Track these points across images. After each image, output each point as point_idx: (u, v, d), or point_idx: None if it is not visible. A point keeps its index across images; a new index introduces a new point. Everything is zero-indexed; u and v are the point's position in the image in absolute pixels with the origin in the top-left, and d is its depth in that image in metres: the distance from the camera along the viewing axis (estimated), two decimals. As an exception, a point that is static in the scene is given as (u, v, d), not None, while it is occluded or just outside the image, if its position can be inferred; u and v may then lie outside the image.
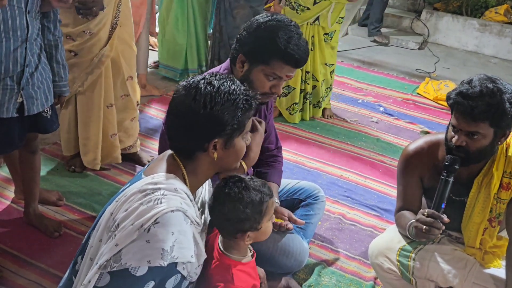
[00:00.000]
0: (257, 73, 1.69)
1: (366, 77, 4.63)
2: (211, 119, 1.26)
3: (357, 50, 5.40)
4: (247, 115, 1.33)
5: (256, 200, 1.45)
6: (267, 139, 2.08)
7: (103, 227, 1.26)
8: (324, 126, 3.57)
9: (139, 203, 1.21)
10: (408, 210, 1.83)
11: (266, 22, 1.67)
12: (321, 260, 2.25)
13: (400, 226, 1.84)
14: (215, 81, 1.30)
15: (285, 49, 1.63)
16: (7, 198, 2.40)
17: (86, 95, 2.46)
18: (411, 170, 1.82)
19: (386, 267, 1.83)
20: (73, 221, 2.31)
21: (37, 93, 1.88)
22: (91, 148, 2.58)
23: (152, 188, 1.23)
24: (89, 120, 2.51)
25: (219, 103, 1.26)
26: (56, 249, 2.12)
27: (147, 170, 1.34)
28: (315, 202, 2.13)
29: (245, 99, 1.31)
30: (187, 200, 1.28)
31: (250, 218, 1.45)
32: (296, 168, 2.99)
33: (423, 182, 1.83)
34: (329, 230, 2.45)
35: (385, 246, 1.85)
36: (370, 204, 2.71)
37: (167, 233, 1.17)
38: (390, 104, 4.09)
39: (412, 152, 1.82)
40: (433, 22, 6.06)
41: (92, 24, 2.30)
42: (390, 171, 3.07)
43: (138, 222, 1.17)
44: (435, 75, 4.93)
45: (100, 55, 2.38)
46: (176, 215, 1.20)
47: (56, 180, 2.60)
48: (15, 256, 2.07)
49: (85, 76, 2.41)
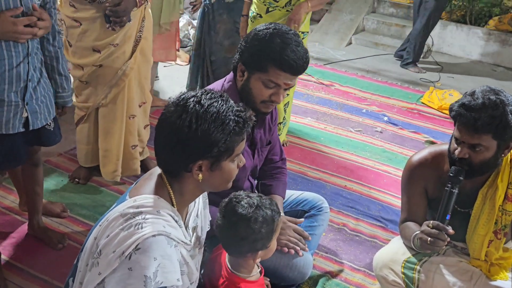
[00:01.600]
0: (255, 81, 1.70)
1: (370, 86, 4.63)
2: (196, 140, 1.21)
3: (361, 60, 5.41)
4: (236, 138, 1.26)
5: (268, 218, 1.45)
6: (271, 151, 2.08)
7: (88, 252, 1.23)
8: (329, 136, 3.57)
9: (120, 228, 1.17)
10: (413, 221, 1.82)
11: (264, 30, 1.68)
12: (325, 271, 2.23)
13: (404, 238, 1.83)
14: (205, 100, 1.23)
15: (280, 56, 1.63)
16: (11, 210, 2.41)
17: (108, 107, 2.47)
18: (415, 181, 1.81)
19: (391, 279, 1.81)
20: (77, 233, 2.31)
21: (40, 107, 1.90)
22: (111, 160, 2.57)
23: (133, 212, 1.20)
24: (111, 132, 2.51)
25: (205, 124, 1.20)
26: (60, 261, 2.12)
27: (132, 190, 1.31)
28: (319, 213, 2.13)
29: (236, 122, 1.24)
30: (172, 222, 1.24)
31: (264, 237, 1.45)
32: (300, 178, 2.98)
33: (428, 193, 1.82)
34: (333, 241, 2.44)
35: (389, 258, 1.84)
36: (374, 215, 2.69)
37: (149, 259, 1.14)
38: (395, 113, 4.08)
39: (416, 163, 1.81)
40: (437, 31, 6.05)
41: (118, 36, 2.32)
42: (394, 181, 3.06)
43: (119, 249, 1.14)
44: (439, 84, 4.92)
45: (124, 68, 2.39)
46: (158, 239, 1.16)
47: (60, 191, 2.61)
48: (19, 268, 2.07)
49: (108, 89, 2.41)
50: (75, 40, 2.34)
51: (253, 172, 2.01)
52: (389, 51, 5.81)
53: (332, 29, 6.15)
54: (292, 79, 1.70)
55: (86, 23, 2.28)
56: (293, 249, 1.84)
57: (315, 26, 6.28)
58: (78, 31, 2.31)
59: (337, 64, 5.20)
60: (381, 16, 6.50)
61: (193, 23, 5.16)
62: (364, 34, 6.22)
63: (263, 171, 2.10)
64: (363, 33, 6.28)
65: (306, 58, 1.68)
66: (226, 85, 1.80)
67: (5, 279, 1.99)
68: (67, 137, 3.09)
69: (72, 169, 2.78)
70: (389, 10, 6.58)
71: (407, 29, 6.19)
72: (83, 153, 2.63)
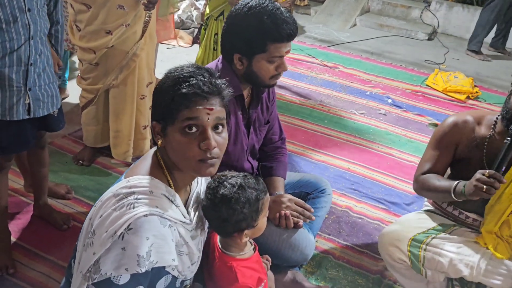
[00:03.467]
0: (258, 63, 1.70)
1: (374, 68, 4.60)
2: (154, 99, 1.26)
3: (365, 41, 5.36)
4: (179, 101, 1.19)
5: (252, 198, 1.44)
6: (270, 130, 2.08)
7: (85, 233, 1.23)
8: (332, 119, 3.56)
9: (112, 209, 1.17)
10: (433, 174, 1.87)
11: (245, 14, 1.66)
12: (328, 253, 2.25)
13: (428, 187, 1.85)
14: (187, 70, 1.24)
15: (276, 30, 1.63)
16: (16, 192, 2.43)
17: (119, 88, 2.46)
18: (450, 137, 1.86)
19: (397, 257, 1.84)
20: (82, 214, 2.33)
21: (44, 96, 1.89)
22: (123, 140, 2.58)
23: (125, 192, 1.20)
24: (122, 112, 2.52)
25: (164, 87, 1.23)
26: (65, 242, 2.14)
27: (129, 171, 1.30)
28: (322, 195, 2.13)
29: (181, 86, 1.19)
30: (165, 202, 1.23)
31: (247, 217, 1.44)
32: (303, 161, 2.98)
33: (456, 152, 1.87)
34: (336, 223, 2.45)
35: (395, 236, 1.87)
36: (377, 197, 2.70)
37: (141, 238, 1.13)
38: (399, 96, 4.06)
39: (456, 121, 1.86)
40: (443, 12, 5.98)
41: (130, 16, 2.30)
42: (398, 163, 3.06)
43: (111, 229, 1.14)
44: (444, 66, 4.88)
45: (135, 49, 2.39)
46: (149, 219, 1.16)
47: (65, 173, 2.62)
48: (25, 248, 2.10)
49: (119, 70, 2.41)
50: (85, 24, 2.32)
51: (252, 153, 2.02)
52: (394, 33, 5.76)
53: (337, 11, 6.08)
54: (289, 45, 1.71)
55: (96, 6, 2.26)
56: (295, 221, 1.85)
57: (319, 8, 6.22)
58: (88, 15, 2.29)
59: (341, 46, 5.16)
60: (386, -3, 6.41)
61: (196, 4, 5.11)
62: (369, 16, 6.15)
63: (263, 152, 2.10)
64: (368, 14, 6.21)
65: (293, 19, 1.69)
66: (220, 66, 1.79)
67: (13, 259, 2.02)
68: (72, 118, 3.10)
69: (76, 151, 2.79)
70: (395, -10, 6.49)
71: (412, 10, 6.12)
72: (92, 134, 2.64)
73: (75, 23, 2.36)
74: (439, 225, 1.89)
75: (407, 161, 3.11)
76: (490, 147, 1.79)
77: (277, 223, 1.86)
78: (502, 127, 1.77)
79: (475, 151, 1.82)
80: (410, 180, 2.89)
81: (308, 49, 4.92)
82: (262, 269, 1.62)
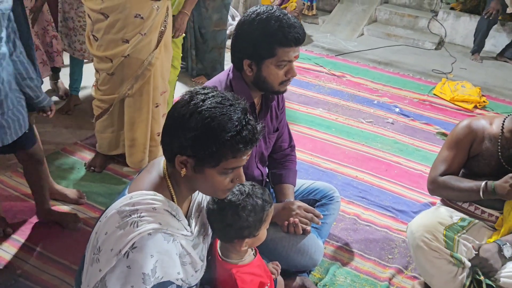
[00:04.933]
0: (267, 69, 1.72)
1: (381, 77, 4.63)
2: (181, 134, 1.19)
3: (372, 51, 5.39)
4: (226, 152, 1.20)
5: (258, 208, 1.47)
6: (280, 138, 2.11)
7: (91, 247, 1.25)
8: (340, 127, 3.59)
9: (116, 226, 1.19)
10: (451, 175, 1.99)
11: (253, 21, 1.70)
12: (336, 259, 2.27)
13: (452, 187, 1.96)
14: (212, 102, 1.20)
15: (283, 35, 1.66)
16: (30, 196, 2.47)
17: (135, 98, 2.49)
18: (466, 138, 1.99)
19: (435, 245, 1.86)
20: (94, 219, 2.37)
21: (9, 121, 1.79)
22: (139, 149, 2.60)
23: (129, 210, 1.21)
24: (138, 121, 2.53)
25: (193, 124, 1.18)
26: (78, 246, 2.18)
27: (132, 184, 1.32)
28: (330, 202, 2.16)
29: (231, 137, 1.18)
30: (168, 217, 1.25)
31: (251, 225, 1.46)
32: (311, 168, 3.01)
33: (470, 151, 1.99)
34: (344, 231, 2.47)
35: (431, 224, 1.91)
36: (385, 205, 2.72)
37: (145, 257, 1.16)
38: (406, 105, 4.08)
39: (471, 123, 2.01)
40: (450, 22, 6.01)
41: (147, 25, 2.34)
42: (405, 172, 3.08)
43: (116, 247, 1.17)
44: (451, 75, 4.90)
45: (150, 58, 2.42)
46: (153, 237, 1.18)
47: (77, 179, 2.67)
48: (39, 252, 2.14)
49: (134, 80, 2.44)
50: (102, 33, 2.35)
51: (261, 160, 2.05)
52: (402, 42, 5.79)
53: (344, 20, 6.13)
54: (298, 49, 1.74)
55: (113, 15, 2.29)
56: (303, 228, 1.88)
57: (327, 17, 6.27)
58: (105, 24, 2.32)
59: (349, 55, 5.19)
60: (393, 6, 6.46)
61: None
62: (376, 25, 6.20)
63: (272, 160, 2.13)
64: (375, 23, 6.25)
65: (300, 24, 1.73)
66: (231, 75, 1.82)
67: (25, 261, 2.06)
68: (82, 125, 3.16)
69: (87, 157, 2.84)
70: (402, 0, 6.54)
71: (419, 19, 6.16)
72: (106, 142, 2.67)
73: (92, 33, 2.40)
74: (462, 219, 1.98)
75: (414, 169, 3.12)
76: (503, 142, 1.94)
77: (286, 230, 1.89)
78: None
79: (489, 146, 1.95)
80: (417, 188, 2.92)
81: (316, 58, 4.97)
82: (265, 273, 1.63)
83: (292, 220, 1.88)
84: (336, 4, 6.42)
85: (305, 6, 6.09)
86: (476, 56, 5.47)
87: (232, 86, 1.80)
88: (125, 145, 2.62)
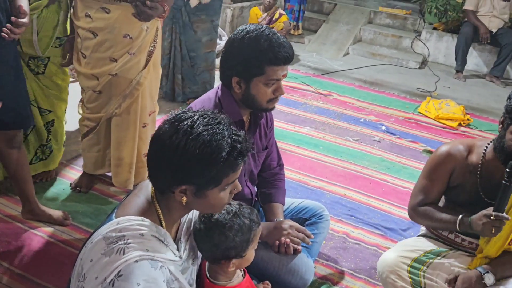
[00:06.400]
0: (255, 87, 1.73)
1: (367, 96, 4.68)
2: (180, 165, 1.18)
3: (358, 70, 5.47)
4: (226, 170, 1.21)
5: (245, 228, 1.45)
6: (268, 157, 2.11)
7: (76, 274, 1.22)
8: (327, 145, 3.60)
9: (102, 253, 1.16)
10: (429, 205, 1.90)
11: (243, 39, 1.71)
12: (326, 279, 2.25)
13: (430, 218, 1.88)
14: (200, 125, 1.19)
15: (273, 53, 1.68)
16: (13, 218, 2.42)
17: (122, 117, 2.47)
18: (444, 168, 1.88)
19: (400, 285, 1.85)
20: (80, 240, 2.32)
21: None
22: (125, 169, 2.57)
23: (115, 236, 1.18)
24: (125, 141, 2.51)
25: (192, 151, 1.16)
26: (63, 268, 2.13)
27: (120, 209, 1.29)
28: (320, 221, 2.15)
29: (228, 153, 1.19)
30: (156, 244, 1.22)
31: (237, 246, 1.44)
32: (300, 187, 3.01)
33: (450, 180, 1.89)
34: (334, 249, 2.46)
35: (394, 263, 1.89)
36: (374, 223, 2.72)
37: (132, 285, 1.12)
38: (392, 123, 4.13)
39: (448, 151, 1.89)
40: (433, 41, 6.15)
41: (135, 45, 2.33)
42: (393, 190, 3.09)
43: (101, 275, 1.14)
44: (436, 94, 4.98)
45: (139, 77, 2.41)
46: (140, 265, 1.15)
47: (62, 200, 2.62)
48: (21, 276, 2.08)
49: (122, 99, 2.42)
50: (90, 51, 2.35)
51: (251, 178, 2.04)
52: (386, 61, 5.89)
53: (330, 40, 6.22)
54: (286, 68, 1.76)
55: (102, 34, 2.30)
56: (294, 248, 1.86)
57: (312, 37, 6.35)
58: (94, 42, 2.32)
59: (335, 74, 5.26)
60: (377, 26, 6.59)
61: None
62: (361, 45, 6.30)
63: (262, 178, 2.12)
64: (360, 43, 6.36)
65: (290, 44, 1.74)
66: (220, 93, 1.82)
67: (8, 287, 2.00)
68: (69, 145, 3.11)
69: (73, 177, 2.80)
70: (386, 20, 6.68)
71: (403, 39, 6.28)
72: (92, 161, 2.64)
73: (81, 50, 2.39)
74: (434, 250, 1.91)
75: (402, 187, 3.14)
76: (483, 172, 1.84)
77: (277, 250, 1.87)
78: (493, 155, 1.81)
79: (469, 178, 1.86)
80: (405, 206, 2.89)
81: (303, 77, 5.01)
82: None
83: (284, 240, 1.86)
84: (321, 24, 6.52)
85: (291, 26, 6.18)
86: (459, 75, 5.58)
87: (221, 103, 1.81)
88: (111, 164, 2.59)
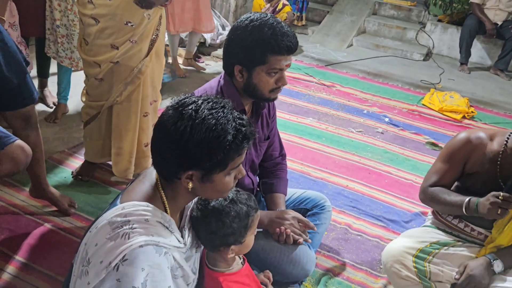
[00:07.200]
0: (258, 76, 1.72)
1: (371, 87, 4.65)
2: (187, 150, 1.17)
3: (362, 61, 5.43)
4: (232, 154, 1.21)
5: (242, 214, 1.44)
6: (270, 146, 2.10)
7: (80, 259, 1.22)
8: (330, 137, 3.58)
9: (107, 238, 1.16)
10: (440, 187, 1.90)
11: (247, 27, 1.69)
12: (327, 270, 2.25)
13: (438, 200, 1.88)
14: (204, 109, 1.19)
15: (276, 42, 1.66)
16: (15, 206, 2.42)
17: (123, 105, 2.46)
18: (461, 153, 1.87)
19: (404, 274, 1.85)
20: (81, 229, 2.32)
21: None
22: (125, 158, 2.55)
23: (120, 221, 1.18)
24: (125, 129, 2.50)
25: (199, 136, 1.16)
26: (64, 256, 2.12)
27: (124, 194, 1.28)
28: (322, 211, 2.14)
29: (234, 136, 1.19)
30: (161, 229, 1.22)
31: (235, 232, 1.44)
32: (302, 178, 2.99)
33: (466, 166, 1.88)
34: (336, 240, 2.45)
35: (399, 253, 1.88)
36: (376, 215, 2.71)
37: (136, 270, 1.12)
38: (395, 114, 4.10)
39: (469, 137, 1.87)
40: (438, 33, 6.09)
41: (137, 33, 2.31)
42: (396, 181, 3.08)
43: (106, 259, 1.13)
44: (440, 86, 4.94)
45: (140, 65, 2.39)
46: (145, 250, 1.15)
47: (64, 188, 2.61)
48: (21, 262, 2.07)
49: (123, 87, 2.41)
50: (92, 37, 2.33)
51: (252, 168, 2.02)
52: (390, 53, 5.84)
53: (333, 31, 6.17)
54: (290, 58, 1.73)
55: (104, 20, 2.28)
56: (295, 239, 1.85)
57: (316, 28, 6.31)
58: (96, 28, 2.31)
59: (338, 65, 5.22)
60: (382, 18, 6.53)
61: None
62: (365, 36, 6.25)
63: (263, 168, 2.11)
64: (364, 35, 6.30)
65: (294, 33, 1.72)
66: (222, 81, 1.81)
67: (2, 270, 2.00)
68: (70, 134, 3.11)
69: (74, 166, 2.79)
70: (390, 12, 6.62)
71: (407, 31, 6.23)
72: (93, 149, 2.62)
73: (84, 36, 2.38)
74: (441, 241, 1.90)
75: (405, 179, 3.12)
76: (503, 161, 1.80)
77: (277, 238, 1.86)
78: None
79: (488, 166, 1.82)
80: (408, 198, 2.91)
81: (306, 68, 4.98)
82: (254, 282, 1.61)
83: (284, 230, 1.85)
84: (325, 15, 6.47)
85: (295, 16, 6.13)
86: (464, 67, 5.54)
87: (223, 92, 1.79)
88: (112, 153, 2.58)
